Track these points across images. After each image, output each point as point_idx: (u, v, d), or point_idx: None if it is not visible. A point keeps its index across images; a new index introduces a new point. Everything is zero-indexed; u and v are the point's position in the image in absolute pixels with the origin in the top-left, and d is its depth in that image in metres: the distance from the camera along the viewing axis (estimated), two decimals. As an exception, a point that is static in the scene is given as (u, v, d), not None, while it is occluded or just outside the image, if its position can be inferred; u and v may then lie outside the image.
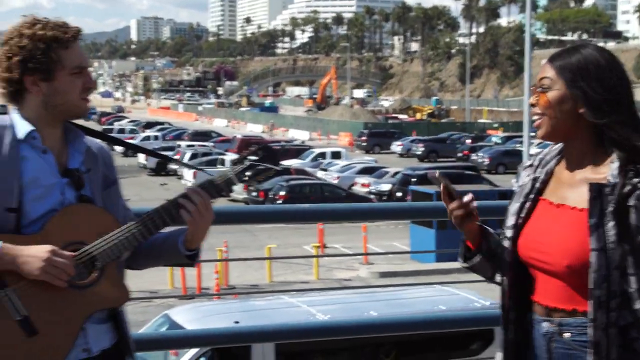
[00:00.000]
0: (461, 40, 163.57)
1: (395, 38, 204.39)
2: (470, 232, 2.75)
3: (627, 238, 2.43)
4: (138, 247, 2.79)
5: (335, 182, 37.49)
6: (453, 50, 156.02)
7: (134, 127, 72.08)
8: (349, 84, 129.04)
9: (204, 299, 12.28)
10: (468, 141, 59.78)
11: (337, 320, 6.44)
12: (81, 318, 2.64)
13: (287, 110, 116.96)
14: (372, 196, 34.59)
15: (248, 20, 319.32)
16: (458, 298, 9.56)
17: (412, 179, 32.79)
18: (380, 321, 4.72)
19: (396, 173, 36.57)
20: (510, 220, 2.69)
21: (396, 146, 59.37)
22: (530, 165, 2.74)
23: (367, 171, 39.62)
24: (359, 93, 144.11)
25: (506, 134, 64.61)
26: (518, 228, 2.67)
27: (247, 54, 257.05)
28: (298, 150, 48.49)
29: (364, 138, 62.30)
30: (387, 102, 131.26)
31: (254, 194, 33.27)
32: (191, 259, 2.84)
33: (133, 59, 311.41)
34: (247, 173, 2.82)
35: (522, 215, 2.66)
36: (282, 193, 31.77)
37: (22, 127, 2.71)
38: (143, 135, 60.35)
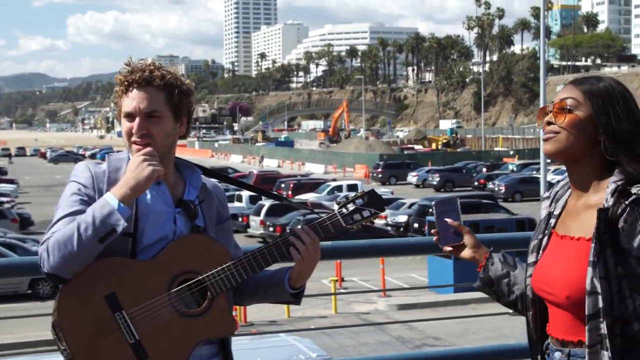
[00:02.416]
0: (475, 69, 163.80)
1: (409, 69, 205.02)
2: (473, 259, 2.92)
3: (622, 262, 2.42)
4: (244, 285, 2.90)
5: (352, 214, 37.32)
6: (467, 79, 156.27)
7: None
8: (364, 116, 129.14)
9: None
10: (484, 170, 59.67)
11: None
12: (190, 346, 2.74)
13: (302, 144, 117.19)
14: (389, 228, 34.49)
15: (263, 56, 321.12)
16: (282, 350, 8.74)
17: (429, 210, 32.69)
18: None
19: (413, 204, 36.48)
20: (531, 258, 2.72)
21: (412, 177, 59.26)
22: (548, 197, 2.78)
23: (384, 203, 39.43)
24: (447, 124, 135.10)
25: (522, 162, 64.45)
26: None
27: (262, 90, 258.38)
28: (314, 184, 48.49)
29: (379, 170, 62.20)
30: (402, 132, 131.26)
31: (271, 229, 33.25)
32: (296, 297, 2.96)
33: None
34: (354, 217, 2.94)
35: (540, 252, 2.69)
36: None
37: None
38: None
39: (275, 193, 3.89)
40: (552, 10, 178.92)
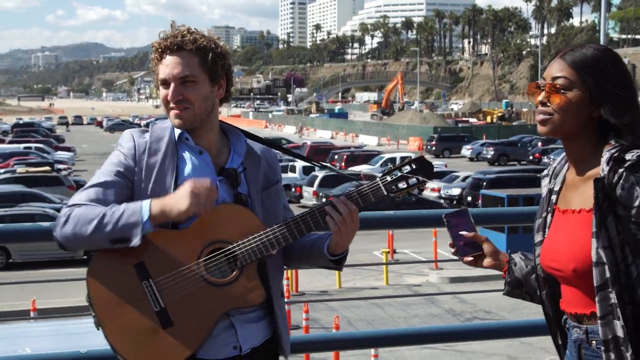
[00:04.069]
0: (532, 41, 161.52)
1: (465, 41, 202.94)
2: (495, 267, 2.90)
3: (623, 229, 2.40)
4: (290, 249, 2.94)
5: (405, 187, 37.24)
6: (524, 52, 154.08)
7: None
8: (419, 88, 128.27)
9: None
10: (539, 144, 58.98)
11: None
12: (216, 314, 2.75)
13: (356, 116, 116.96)
14: (442, 201, 34.34)
15: (318, 27, 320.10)
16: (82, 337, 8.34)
17: (483, 183, 32.48)
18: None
19: (466, 177, 36.27)
20: (537, 237, 2.71)
21: (466, 150, 58.85)
22: (546, 175, 2.77)
23: (436, 175, 39.31)
24: None
25: (578, 136, 63.46)
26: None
27: (316, 61, 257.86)
28: (367, 156, 48.45)
29: (433, 142, 61.87)
30: (457, 105, 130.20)
31: (324, 200, 33.32)
32: (337, 263, 2.95)
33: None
34: (399, 184, 2.87)
35: (546, 230, 2.68)
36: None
37: (178, 130, 2.88)
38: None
39: (324, 163, 3.90)
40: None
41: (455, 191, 34.99)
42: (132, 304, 2.71)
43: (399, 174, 2.88)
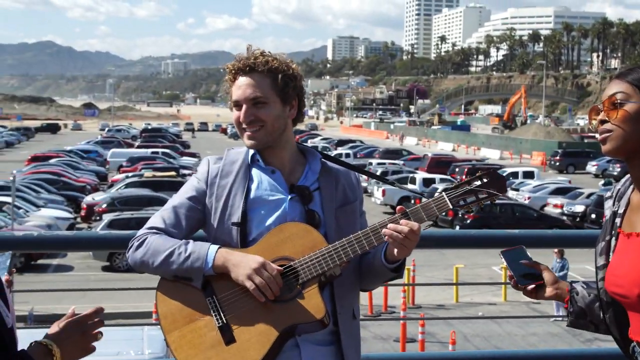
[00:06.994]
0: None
1: (594, 55, 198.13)
2: (556, 297, 2.77)
3: None
4: (364, 268, 2.96)
5: (527, 202, 36.71)
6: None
7: (327, 145, 73.21)
8: (544, 102, 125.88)
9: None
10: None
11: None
12: (276, 331, 2.77)
13: (479, 128, 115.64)
14: (564, 217, 33.61)
15: (443, 39, 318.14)
16: (117, 344, 8.39)
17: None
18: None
19: (591, 194, 35.38)
20: (600, 261, 2.60)
21: (591, 166, 57.45)
22: (610, 197, 2.67)
23: (560, 192, 38.54)
24: None
25: None
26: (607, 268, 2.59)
27: (440, 73, 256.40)
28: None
29: (557, 157, 60.63)
30: (583, 120, 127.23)
31: (443, 212, 33.03)
32: (397, 270, 2.93)
33: (328, 77, 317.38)
34: (467, 198, 2.85)
35: (611, 254, 2.57)
36: (472, 212, 31.43)
37: (251, 152, 3.00)
38: (335, 152, 61.24)
39: (385, 178, 3.91)
40: None
41: (579, 208, 34.20)
42: (197, 320, 2.82)
43: (467, 187, 2.84)
